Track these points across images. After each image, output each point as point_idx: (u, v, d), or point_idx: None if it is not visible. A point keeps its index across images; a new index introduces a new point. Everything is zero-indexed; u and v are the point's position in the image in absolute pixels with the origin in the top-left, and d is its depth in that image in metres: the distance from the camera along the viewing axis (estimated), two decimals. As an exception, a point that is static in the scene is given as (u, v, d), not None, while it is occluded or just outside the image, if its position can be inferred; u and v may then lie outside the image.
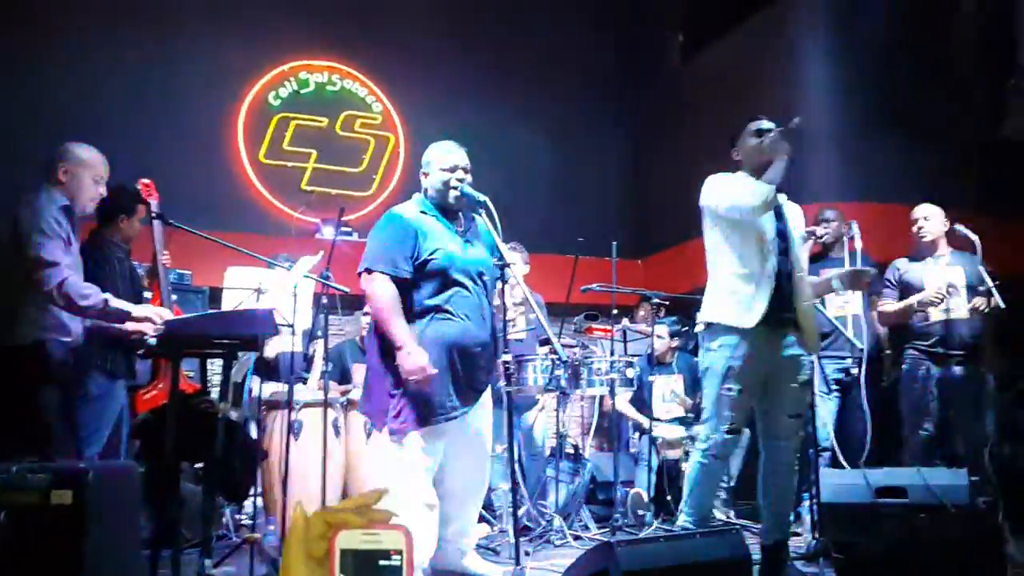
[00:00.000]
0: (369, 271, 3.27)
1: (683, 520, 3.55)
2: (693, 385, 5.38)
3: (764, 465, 3.55)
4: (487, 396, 3.46)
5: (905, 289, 4.57)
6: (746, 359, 3.32)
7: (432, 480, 3.28)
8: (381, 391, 3.24)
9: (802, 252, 3.66)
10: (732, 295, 3.41)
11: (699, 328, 3.63)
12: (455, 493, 3.40)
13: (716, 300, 3.49)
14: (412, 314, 3.26)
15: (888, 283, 4.66)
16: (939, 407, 4.45)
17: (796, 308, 3.43)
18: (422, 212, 3.39)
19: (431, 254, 3.26)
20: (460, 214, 3.48)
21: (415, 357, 3.11)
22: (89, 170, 3.29)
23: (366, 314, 5.03)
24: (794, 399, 3.49)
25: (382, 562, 0.78)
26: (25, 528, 2.04)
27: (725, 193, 3.46)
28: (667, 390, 5.61)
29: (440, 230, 3.35)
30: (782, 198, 3.62)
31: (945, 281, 4.42)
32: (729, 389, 3.36)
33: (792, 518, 4.47)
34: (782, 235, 3.53)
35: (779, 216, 3.56)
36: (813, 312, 3.51)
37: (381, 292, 3.22)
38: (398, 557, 0.79)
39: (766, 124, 3.57)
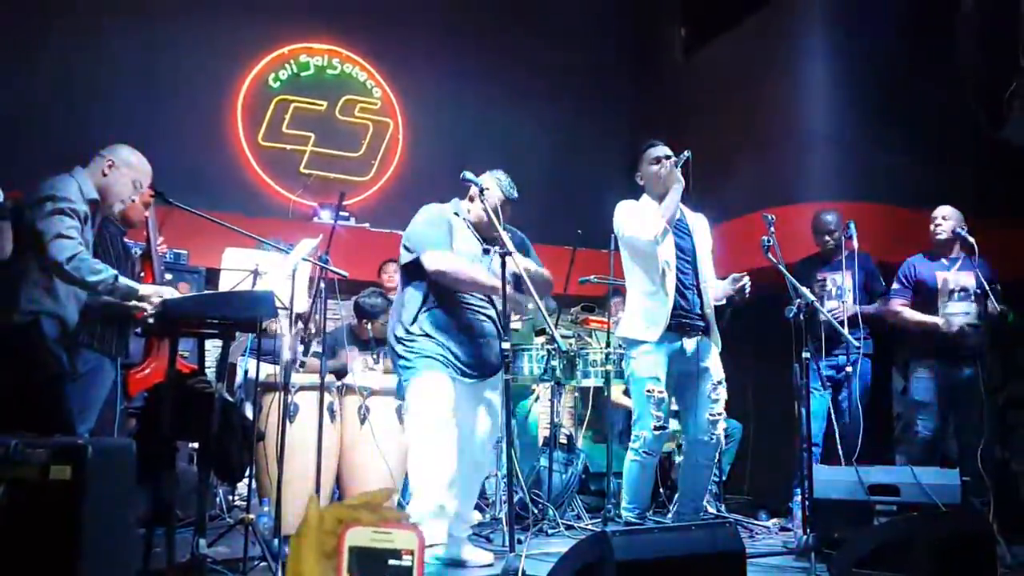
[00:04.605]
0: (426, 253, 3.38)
1: (626, 515, 3.83)
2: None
3: (684, 459, 4.04)
4: (495, 383, 3.51)
5: (919, 287, 4.57)
6: (662, 365, 3.73)
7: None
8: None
9: (708, 262, 4.00)
10: (640, 311, 3.83)
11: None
12: (458, 476, 3.42)
13: (628, 315, 3.93)
14: (427, 303, 3.40)
15: (902, 281, 4.64)
16: (942, 407, 4.46)
17: (704, 314, 3.84)
18: (455, 214, 3.55)
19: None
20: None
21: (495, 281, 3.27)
22: (132, 171, 3.31)
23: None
24: (709, 400, 3.83)
25: (392, 561, 0.76)
26: (23, 503, 2.03)
27: (625, 223, 3.87)
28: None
29: (468, 235, 3.53)
30: (689, 214, 3.97)
31: (957, 285, 4.44)
32: (650, 392, 3.73)
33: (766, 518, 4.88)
34: (687, 250, 3.90)
35: (684, 233, 3.80)
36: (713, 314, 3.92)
37: (449, 260, 3.36)
38: (409, 557, 0.76)
39: (662, 151, 3.86)
